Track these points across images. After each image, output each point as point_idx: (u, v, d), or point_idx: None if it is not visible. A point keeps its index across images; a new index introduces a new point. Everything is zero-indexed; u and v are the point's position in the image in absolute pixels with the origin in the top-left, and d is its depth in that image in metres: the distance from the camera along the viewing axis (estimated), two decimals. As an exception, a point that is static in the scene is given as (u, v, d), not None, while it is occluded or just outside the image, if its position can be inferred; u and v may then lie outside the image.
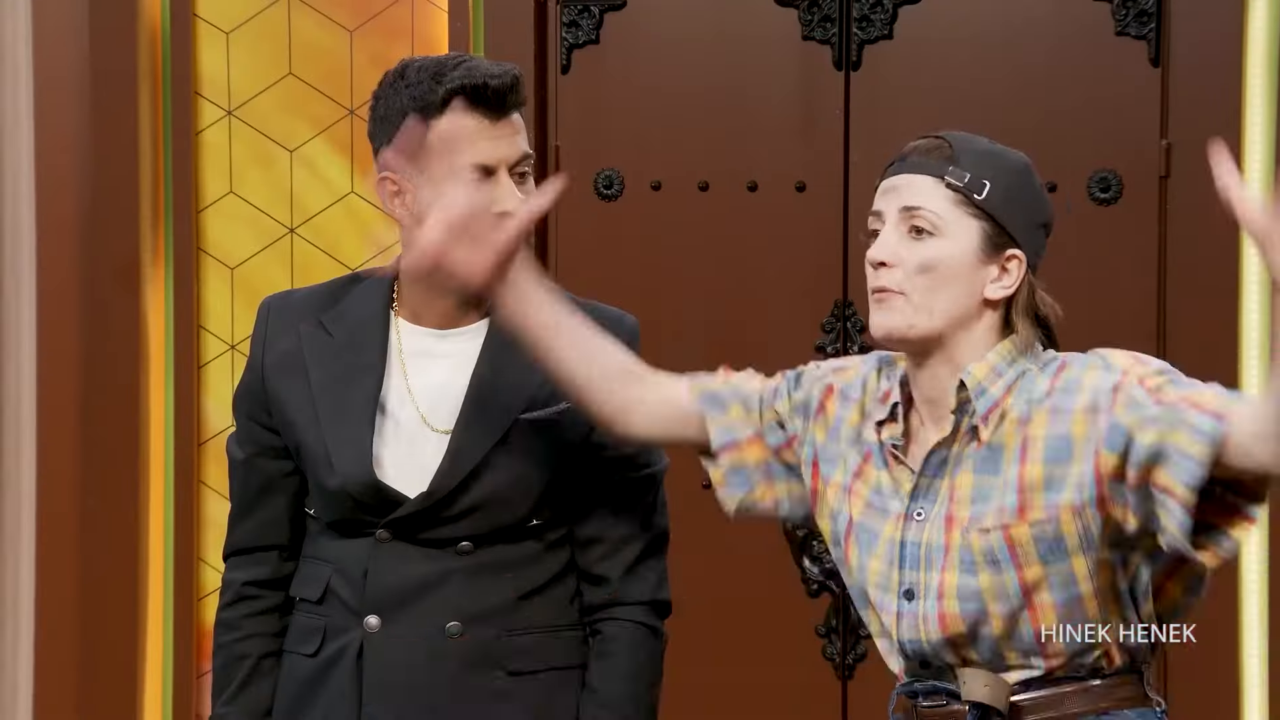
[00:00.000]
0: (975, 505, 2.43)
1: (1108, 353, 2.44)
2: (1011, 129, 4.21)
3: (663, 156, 4.41)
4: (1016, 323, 2.48)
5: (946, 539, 2.45)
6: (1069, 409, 2.40)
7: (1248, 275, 4.11)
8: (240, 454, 2.84)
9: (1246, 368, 4.11)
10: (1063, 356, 2.47)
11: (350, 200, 4.50)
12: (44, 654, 4.61)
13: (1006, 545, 2.40)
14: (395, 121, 2.68)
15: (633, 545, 2.79)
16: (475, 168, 2.66)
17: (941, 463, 2.48)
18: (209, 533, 4.57)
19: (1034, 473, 2.40)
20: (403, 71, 2.70)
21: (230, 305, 4.57)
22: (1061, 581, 2.41)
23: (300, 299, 2.85)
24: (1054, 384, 2.43)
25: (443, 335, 2.77)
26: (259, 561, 2.84)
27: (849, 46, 4.30)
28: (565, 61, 4.43)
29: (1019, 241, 2.47)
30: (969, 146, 2.51)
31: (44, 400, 4.59)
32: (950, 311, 2.45)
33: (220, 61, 4.54)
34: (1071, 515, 2.39)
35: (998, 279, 2.46)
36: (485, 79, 2.65)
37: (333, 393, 2.76)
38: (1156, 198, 4.18)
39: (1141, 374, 2.39)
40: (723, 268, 4.40)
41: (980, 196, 2.45)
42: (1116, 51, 4.17)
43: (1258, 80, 4.09)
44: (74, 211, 4.57)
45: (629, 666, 2.77)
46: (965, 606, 2.44)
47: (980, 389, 2.44)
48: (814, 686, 4.38)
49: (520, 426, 2.74)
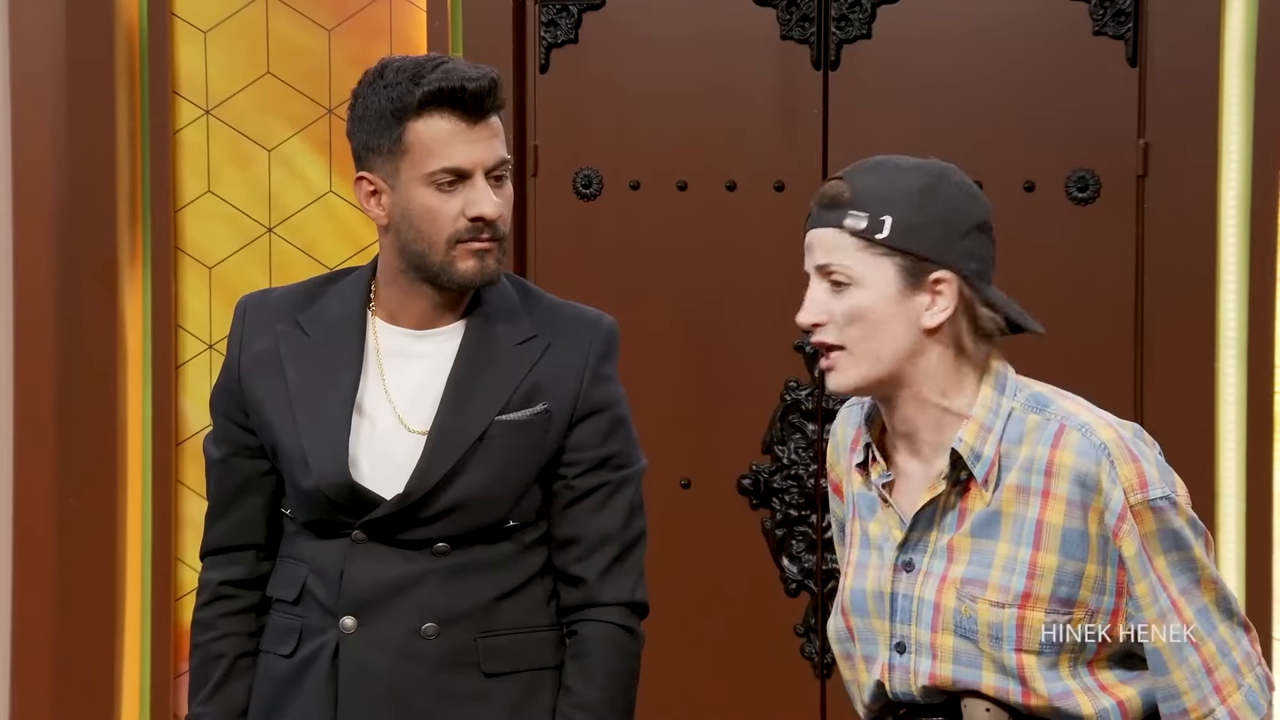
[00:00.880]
0: (971, 568, 2.42)
1: (1109, 442, 2.39)
2: (989, 128, 4.24)
3: (641, 156, 4.41)
4: (965, 346, 2.44)
5: (938, 598, 2.44)
6: (1082, 504, 2.38)
7: (1225, 274, 4.12)
8: (217, 453, 2.85)
9: (1223, 366, 4.12)
10: (1060, 417, 2.42)
11: (328, 199, 4.50)
12: (20, 653, 4.60)
13: (1016, 625, 2.40)
14: (373, 121, 2.69)
15: (610, 546, 2.79)
16: (449, 171, 2.67)
17: (932, 516, 2.47)
18: (187, 532, 4.57)
19: (1048, 562, 2.39)
20: (382, 71, 2.70)
21: (208, 305, 4.56)
22: (1049, 672, 2.42)
23: (277, 299, 2.85)
24: (1056, 459, 2.40)
25: (420, 335, 2.77)
26: (235, 561, 2.84)
27: (827, 46, 4.30)
28: (544, 61, 4.43)
29: (941, 261, 2.42)
30: (869, 182, 2.44)
31: (21, 400, 4.58)
32: (895, 352, 2.42)
33: (198, 60, 4.53)
34: (1085, 615, 2.40)
35: (930, 306, 2.42)
36: (463, 82, 2.65)
37: (309, 393, 2.76)
38: (1134, 197, 4.18)
39: (1141, 514, 2.36)
40: (701, 267, 4.40)
41: (882, 235, 2.40)
42: (1094, 51, 4.18)
43: (1235, 80, 4.09)
44: (51, 211, 4.55)
45: (606, 668, 2.77)
46: (959, 671, 2.44)
47: (975, 454, 2.42)
48: (792, 686, 4.38)
49: (497, 428, 2.73)
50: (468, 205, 2.67)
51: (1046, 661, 2.40)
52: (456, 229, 2.68)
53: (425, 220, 2.69)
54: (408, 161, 2.67)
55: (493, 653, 2.75)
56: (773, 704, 4.38)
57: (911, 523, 2.46)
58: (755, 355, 4.37)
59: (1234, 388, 4.12)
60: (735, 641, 4.40)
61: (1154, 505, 2.36)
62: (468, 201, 2.67)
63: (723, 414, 4.38)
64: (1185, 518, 2.38)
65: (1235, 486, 4.12)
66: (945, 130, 4.23)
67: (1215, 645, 2.38)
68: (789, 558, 4.39)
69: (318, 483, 2.73)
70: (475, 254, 2.70)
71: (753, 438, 4.40)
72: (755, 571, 4.38)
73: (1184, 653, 2.37)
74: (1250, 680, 2.39)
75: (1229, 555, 4.12)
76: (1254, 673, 2.40)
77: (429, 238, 2.69)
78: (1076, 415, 2.41)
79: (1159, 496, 2.37)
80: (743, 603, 4.40)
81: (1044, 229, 4.20)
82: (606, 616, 2.78)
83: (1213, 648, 2.38)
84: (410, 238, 2.70)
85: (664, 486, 4.19)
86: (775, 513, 4.39)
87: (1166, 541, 2.37)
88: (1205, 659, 2.37)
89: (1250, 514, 4.10)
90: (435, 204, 2.68)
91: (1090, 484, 2.37)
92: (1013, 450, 2.42)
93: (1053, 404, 2.44)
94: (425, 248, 2.70)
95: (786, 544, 4.39)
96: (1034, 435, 2.41)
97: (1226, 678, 2.37)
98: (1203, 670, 2.37)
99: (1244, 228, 4.09)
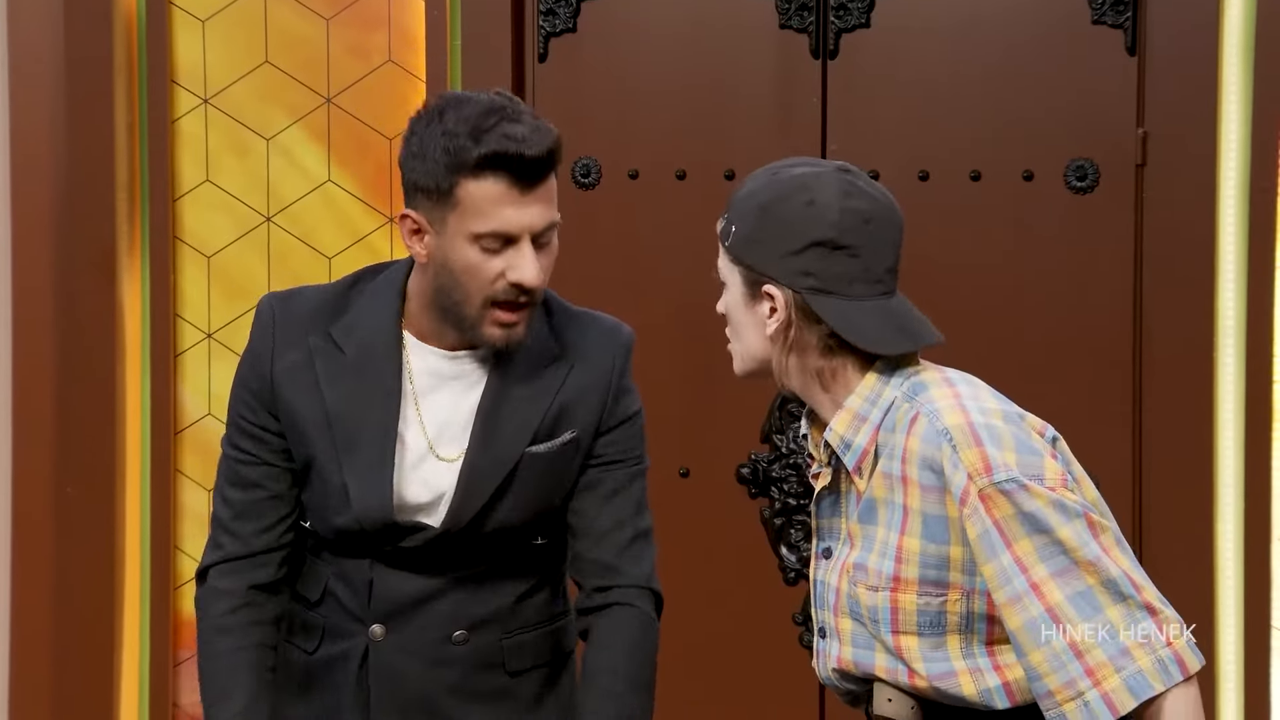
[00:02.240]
0: (859, 553, 2.46)
1: (952, 427, 2.39)
2: (988, 118, 4.24)
3: (640, 145, 4.40)
4: (816, 352, 2.47)
5: (838, 582, 2.49)
6: (936, 488, 2.40)
7: (1223, 263, 4.12)
8: (241, 457, 2.80)
9: (1222, 355, 4.12)
10: (920, 405, 2.43)
11: (327, 189, 4.49)
12: (20, 642, 4.60)
13: (890, 609, 2.43)
14: (427, 165, 2.62)
15: (625, 531, 2.80)
16: (496, 235, 2.62)
17: (835, 503, 2.52)
18: (186, 521, 4.57)
19: (911, 546, 2.41)
20: (441, 112, 2.63)
21: (207, 294, 4.56)
22: (933, 653, 2.44)
23: (306, 308, 2.79)
24: (908, 445, 2.42)
25: (452, 357, 2.75)
26: (261, 564, 2.79)
27: (826, 35, 4.30)
28: (542, 50, 4.43)
29: (769, 275, 2.46)
30: (745, 189, 2.52)
31: (20, 389, 4.58)
32: (753, 353, 2.51)
33: (196, 49, 4.53)
34: (960, 596, 2.41)
35: (769, 316, 2.48)
36: (522, 150, 2.59)
37: (349, 420, 2.73)
38: (1133, 186, 4.18)
39: (990, 497, 2.35)
40: (700, 256, 4.35)
41: (727, 243, 2.51)
42: (1093, 40, 4.17)
43: (1234, 69, 4.09)
44: (49, 200, 4.55)
45: (627, 646, 2.77)
46: (857, 654, 2.48)
47: (844, 443, 2.47)
48: (791, 674, 4.38)
49: (527, 459, 2.75)
50: (510, 269, 2.63)
51: (930, 643, 2.42)
52: (495, 290, 2.65)
53: (465, 275, 2.65)
54: (456, 215, 2.62)
55: (516, 651, 2.79)
56: (771, 692, 4.39)
57: (815, 510, 2.53)
58: (754, 344, 4.37)
59: (1233, 377, 4.11)
60: (733, 630, 4.40)
61: (1002, 488, 2.35)
62: (510, 265, 2.63)
63: (721, 403, 4.38)
64: (1045, 500, 2.34)
65: (1234, 476, 4.12)
66: (944, 119, 4.23)
67: (1093, 628, 2.32)
68: (787, 546, 4.39)
69: (358, 520, 2.72)
70: (504, 325, 2.67)
71: (751, 427, 4.40)
72: (754, 560, 4.38)
73: (1041, 634, 2.32)
74: (1144, 663, 2.31)
75: (1227, 544, 4.12)
76: (1153, 656, 2.31)
77: (466, 290, 2.66)
78: (932, 403, 2.42)
79: (1005, 480, 2.35)
80: (741, 591, 4.40)
81: (1043, 218, 4.20)
82: (627, 598, 2.78)
83: (1086, 630, 2.32)
84: (448, 286, 2.67)
85: (663, 476, 4.18)
86: (774, 502, 4.39)
87: (1027, 524, 2.34)
88: (1074, 641, 2.31)
89: (1249, 503, 4.10)
90: (477, 261, 2.63)
91: (936, 468, 2.39)
92: (888, 439, 2.45)
93: (925, 391, 2.45)
94: (461, 299, 2.67)
95: (785, 533, 4.39)
96: (900, 424, 2.44)
97: (1102, 660, 2.31)
98: (1069, 652, 2.31)
99: (1243, 217, 4.09)
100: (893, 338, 2.46)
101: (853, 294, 2.44)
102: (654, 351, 4.40)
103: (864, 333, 2.44)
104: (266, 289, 4.51)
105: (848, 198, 2.45)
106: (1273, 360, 4.10)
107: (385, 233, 4.47)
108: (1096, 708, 2.31)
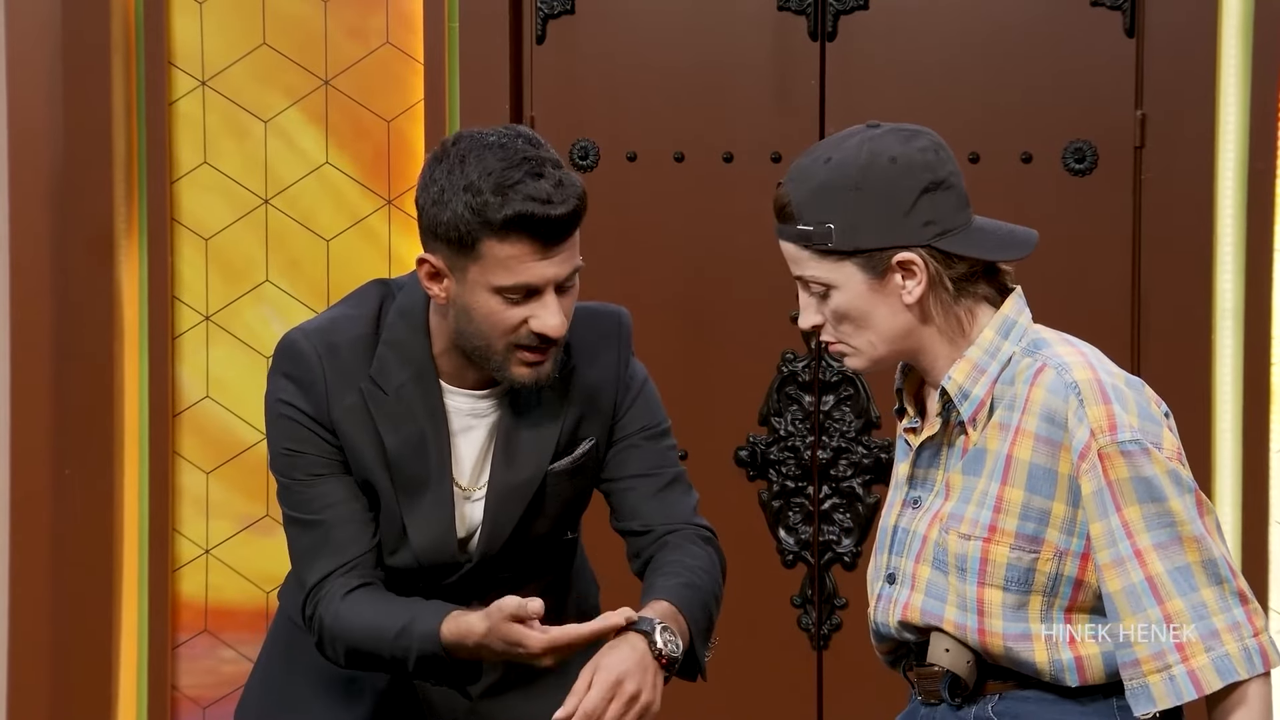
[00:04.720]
0: (956, 503, 2.45)
1: (1082, 382, 2.39)
2: (987, 99, 4.23)
3: (638, 127, 4.40)
4: (955, 299, 2.46)
5: (926, 531, 2.48)
6: (1050, 440, 2.39)
7: (1222, 245, 4.12)
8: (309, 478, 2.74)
9: (1220, 337, 4.12)
10: (1042, 356, 2.43)
11: (325, 171, 4.49)
12: (18, 625, 4.60)
13: (980, 559, 2.42)
14: (447, 213, 2.59)
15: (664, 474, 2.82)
16: (519, 289, 2.61)
17: (935, 454, 2.51)
18: (184, 504, 4.57)
19: (1013, 497, 2.41)
20: (464, 157, 2.60)
21: (204, 276, 4.56)
22: (1014, 612, 2.42)
23: (347, 353, 2.74)
24: (1030, 395, 2.41)
25: (481, 396, 2.77)
26: (360, 564, 2.74)
27: (824, 17, 4.29)
28: (540, 31, 4.42)
29: (896, 244, 2.43)
30: (805, 190, 2.47)
31: (17, 371, 4.58)
32: (891, 334, 2.47)
33: (194, 31, 4.52)
34: (1053, 555, 2.41)
35: (903, 285, 2.45)
36: (548, 212, 2.56)
37: (407, 463, 2.73)
38: (1131, 168, 4.18)
39: (1110, 456, 2.36)
40: (698, 239, 4.40)
41: (832, 244, 2.45)
42: (1091, 22, 4.17)
43: (1232, 51, 4.09)
44: (47, 182, 4.54)
45: (698, 559, 2.77)
46: (928, 603, 2.47)
47: (963, 393, 2.46)
48: (789, 657, 4.39)
49: (551, 478, 2.77)
50: (532, 319, 2.62)
51: (1014, 599, 2.40)
52: (517, 337, 2.64)
53: (486, 323, 2.64)
54: (478, 267, 2.60)
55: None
56: (770, 675, 4.39)
57: (914, 459, 2.51)
58: (752, 327, 4.37)
59: (1231, 358, 4.12)
60: (732, 612, 4.36)
61: (1124, 449, 2.35)
62: (532, 315, 2.62)
63: (719, 385, 4.38)
64: (1163, 468, 2.35)
65: (1232, 457, 4.12)
66: (942, 101, 4.22)
67: (1189, 605, 2.33)
68: (786, 529, 4.39)
69: (415, 560, 2.75)
70: (531, 364, 2.66)
71: (749, 409, 4.40)
72: (752, 543, 4.38)
73: (1141, 602, 2.33)
74: (1232, 648, 2.32)
75: (1224, 526, 4.12)
76: (1240, 644, 2.33)
77: (487, 337, 2.65)
78: (1060, 357, 2.42)
79: (1128, 440, 2.35)
80: (739, 574, 4.37)
81: (1041, 200, 4.20)
82: (686, 534, 2.80)
83: (1183, 605, 2.32)
84: (469, 331, 2.66)
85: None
86: (772, 484, 4.39)
87: (1140, 490, 2.34)
88: (1170, 614, 2.32)
89: (1247, 484, 4.11)
90: (499, 310, 2.62)
91: (1058, 421, 2.38)
92: (1005, 391, 2.44)
93: (1048, 347, 2.45)
94: (483, 345, 2.66)
95: (783, 515, 4.39)
96: (1022, 376, 2.43)
97: (1193, 638, 2.32)
98: (1163, 624, 2.32)
99: (1241, 198, 4.09)
100: (1019, 242, 2.48)
101: (965, 222, 2.45)
102: (652, 334, 4.39)
103: (1001, 250, 2.46)
104: (264, 271, 4.51)
105: (909, 141, 2.46)
106: (1270, 340, 4.11)
107: (383, 215, 4.46)
108: (1182, 683, 2.32)
